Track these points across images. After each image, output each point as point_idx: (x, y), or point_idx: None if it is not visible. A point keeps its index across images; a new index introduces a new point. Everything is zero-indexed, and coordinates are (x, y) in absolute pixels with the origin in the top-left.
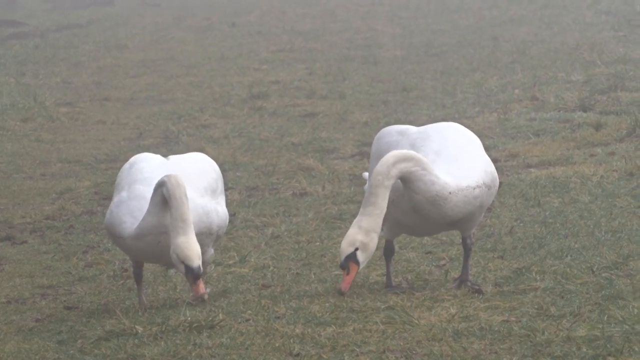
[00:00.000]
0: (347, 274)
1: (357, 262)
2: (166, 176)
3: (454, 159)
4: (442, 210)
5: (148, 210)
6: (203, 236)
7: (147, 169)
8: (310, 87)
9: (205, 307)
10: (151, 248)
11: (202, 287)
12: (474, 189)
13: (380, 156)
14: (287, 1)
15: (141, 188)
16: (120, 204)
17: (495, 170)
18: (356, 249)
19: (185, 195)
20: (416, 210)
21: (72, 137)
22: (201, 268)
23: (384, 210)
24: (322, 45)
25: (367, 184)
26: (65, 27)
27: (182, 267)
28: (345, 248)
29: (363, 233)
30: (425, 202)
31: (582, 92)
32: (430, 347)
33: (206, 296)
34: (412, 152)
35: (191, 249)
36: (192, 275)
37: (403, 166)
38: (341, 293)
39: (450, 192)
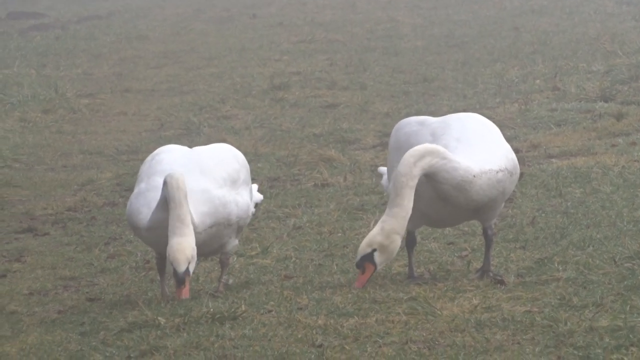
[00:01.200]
0: (362, 273)
1: (373, 263)
2: (168, 176)
3: (475, 145)
4: (468, 195)
5: (157, 204)
6: (221, 227)
7: (167, 160)
8: (331, 78)
9: (228, 298)
10: (163, 240)
11: (183, 293)
12: (497, 172)
13: (399, 147)
14: None
15: (159, 180)
16: (139, 195)
17: (516, 158)
18: (374, 250)
19: (185, 196)
20: (443, 198)
21: (94, 128)
22: (189, 272)
23: (409, 212)
24: (343, 36)
25: (383, 178)
26: (85, 18)
27: (171, 268)
28: (363, 248)
29: (384, 235)
30: (452, 189)
31: (603, 82)
32: (453, 338)
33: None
34: (429, 145)
35: (181, 251)
36: (176, 279)
37: (424, 163)
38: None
39: (474, 175)
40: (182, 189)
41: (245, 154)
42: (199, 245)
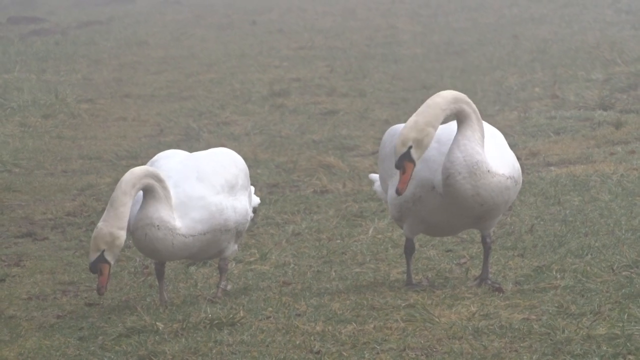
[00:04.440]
0: (403, 173)
1: (411, 160)
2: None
3: (486, 151)
4: (475, 185)
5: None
6: (218, 233)
7: (165, 166)
8: (330, 84)
9: (227, 304)
10: (142, 241)
11: (99, 282)
12: (507, 178)
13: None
14: None
15: None
16: (137, 202)
17: (520, 167)
18: (410, 148)
19: (132, 186)
20: (448, 183)
21: (93, 133)
22: (109, 260)
23: (439, 116)
24: (342, 43)
25: (375, 185)
26: (86, 23)
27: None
28: (399, 148)
29: (417, 130)
30: (464, 166)
31: (602, 90)
32: (451, 345)
33: (102, 291)
34: (457, 93)
35: (95, 237)
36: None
37: (456, 104)
38: (398, 193)
39: (488, 170)
40: (131, 180)
41: (244, 160)
42: (195, 251)
